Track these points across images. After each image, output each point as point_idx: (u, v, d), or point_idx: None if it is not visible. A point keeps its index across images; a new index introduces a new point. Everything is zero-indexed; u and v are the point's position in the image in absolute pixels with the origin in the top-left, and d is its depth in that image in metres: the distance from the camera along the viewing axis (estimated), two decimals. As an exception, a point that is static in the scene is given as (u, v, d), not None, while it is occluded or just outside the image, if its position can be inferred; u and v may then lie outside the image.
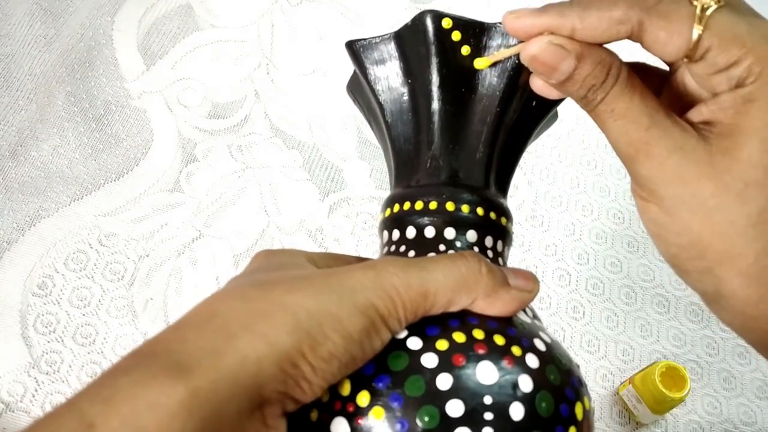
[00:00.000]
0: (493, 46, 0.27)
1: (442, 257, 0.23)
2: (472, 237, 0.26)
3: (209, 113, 0.60)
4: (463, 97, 0.27)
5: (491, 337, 0.22)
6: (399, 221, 0.26)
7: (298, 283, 0.20)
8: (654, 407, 0.50)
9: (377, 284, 0.21)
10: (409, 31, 0.27)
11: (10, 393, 0.46)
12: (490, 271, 0.23)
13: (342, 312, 0.20)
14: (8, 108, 0.56)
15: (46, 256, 0.50)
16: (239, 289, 0.21)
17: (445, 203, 0.26)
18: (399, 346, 0.21)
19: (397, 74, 0.28)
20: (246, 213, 0.56)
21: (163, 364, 0.18)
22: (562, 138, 0.67)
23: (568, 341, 0.56)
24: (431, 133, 0.27)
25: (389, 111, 0.28)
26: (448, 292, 0.22)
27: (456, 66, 0.27)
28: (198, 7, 0.65)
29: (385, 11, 0.71)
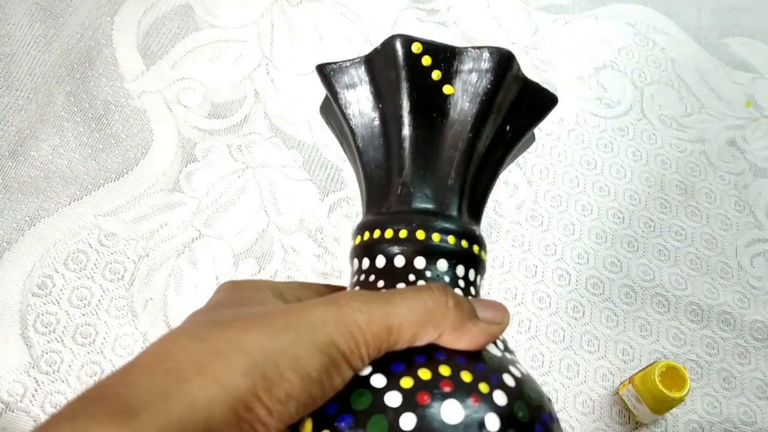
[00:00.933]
0: (464, 70, 0.26)
1: (408, 290, 0.22)
2: (443, 266, 0.25)
3: (209, 113, 0.60)
4: (434, 123, 0.26)
5: (458, 373, 0.21)
6: (369, 249, 0.26)
7: (256, 322, 0.20)
8: (654, 407, 0.50)
9: (339, 321, 0.20)
10: (379, 56, 0.27)
11: (10, 393, 0.46)
12: (457, 303, 0.22)
13: (300, 351, 0.19)
14: (8, 108, 0.56)
15: (45, 256, 0.50)
16: (195, 327, 0.20)
17: (415, 231, 0.25)
18: (362, 384, 0.21)
19: (367, 98, 0.27)
20: (246, 213, 0.56)
21: (110, 409, 0.17)
22: (562, 138, 0.67)
23: (568, 341, 0.56)
24: (402, 159, 0.26)
25: (360, 135, 0.28)
26: (413, 327, 0.21)
27: (427, 91, 0.26)
28: (198, 7, 0.65)
29: (384, 11, 0.71)
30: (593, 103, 0.70)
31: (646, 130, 0.70)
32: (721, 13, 0.83)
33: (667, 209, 0.65)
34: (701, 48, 0.78)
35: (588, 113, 0.69)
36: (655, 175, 0.67)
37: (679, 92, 0.74)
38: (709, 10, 0.82)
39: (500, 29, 0.73)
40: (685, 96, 0.74)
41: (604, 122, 0.69)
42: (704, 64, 0.77)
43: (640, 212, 0.64)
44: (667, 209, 0.65)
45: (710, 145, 0.71)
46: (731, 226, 0.66)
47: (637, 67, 0.74)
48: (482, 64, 0.26)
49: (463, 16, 0.73)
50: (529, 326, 0.56)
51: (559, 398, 0.54)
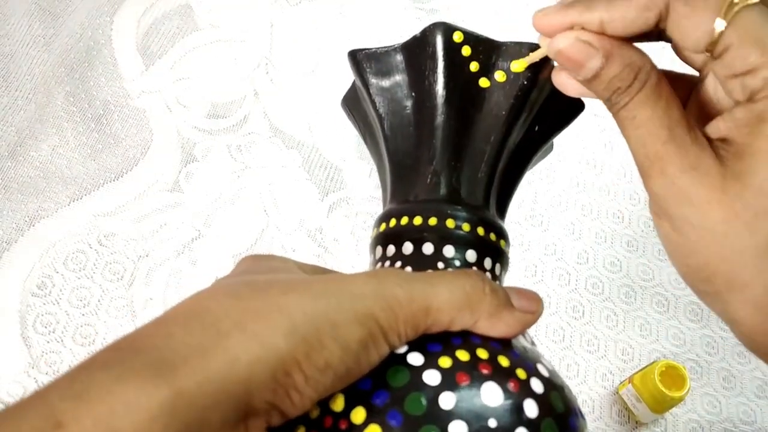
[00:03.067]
0: (502, 66, 0.26)
1: (446, 273, 0.22)
2: (472, 257, 0.25)
3: (208, 113, 0.60)
4: (468, 114, 0.26)
5: (495, 357, 0.21)
6: (395, 236, 0.25)
7: (295, 285, 0.19)
8: (653, 406, 0.50)
9: (379, 294, 0.19)
10: (417, 43, 0.27)
11: (10, 393, 0.46)
12: (494, 291, 0.21)
13: (340, 319, 0.18)
14: (7, 108, 0.56)
15: (45, 256, 0.50)
16: (230, 286, 0.19)
17: (445, 220, 0.25)
18: (399, 361, 0.20)
19: (400, 86, 0.27)
20: (245, 213, 0.56)
21: (146, 361, 0.16)
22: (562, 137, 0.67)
23: (568, 340, 0.56)
24: (433, 148, 0.26)
25: (389, 123, 0.27)
26: (451, 310, 0.20)
27: (463, 82, 0.26)
28: (197, 6, 0.65)
29: (384, 11, 0.71)
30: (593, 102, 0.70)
31: (645, 130, 0.70)
32: (721, 12, 0.83)
33: (666, 209, 0.65)
34: (701, 47, 0.78)
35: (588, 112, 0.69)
36: (655, 174, 0.67)
37: (678, 92, 0.74)
38: (708, 9, 0.82)
39: (500, 28, 0.73)
40: (684, 95, 0.74)
41: (604, 122, 0.69)
42: (704, 64, 0.77)
43: (639, 212, 0.64)
44: (666, 209, 0.65)
45: (710, 144, 0.71)
46: (731, 226, 0.66)
47: (637, 67, 0.74)
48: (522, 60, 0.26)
49: (463, 16, 0.73)
50: (528, 326, 0.56)
51: (559, 398, 0.54)
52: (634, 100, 0.22)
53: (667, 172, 0.21)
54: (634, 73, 0.21)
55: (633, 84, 0.21)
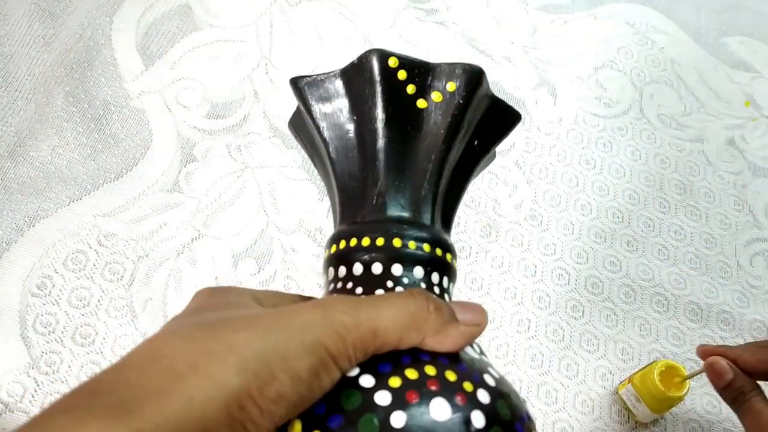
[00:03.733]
0: (437, 86, 0.27)
1: (391, 295, 0.22)
2: (419, 273, 0.26)
3: (208, 113, 0.60)
4: (408, 135, 0.27)
5: (443, 373, 0.22)
6: (345, 258, 0.26)
7: (246, 322, 0.20)
8: (653, 406, 0.50)
9: (326, 322, 0.20)
10: (355, 70, 0.28)
11: (10, 393, 0.46)
12: (438, 308, 0.22)
13: (290, 351, 0.19)
14: (7, 108, 0.56)
15: (45, 256, 0.50)
16: (184, 329, 0.20)
17: (392, 239, 0.26)
18: (351, 384, 0.21)
19: (342, 111, 0.28)
20: (245, 213, 0.56)
21: (105, 404, 0.17)
22: (561, 137, 0.67)
23: (568, 340, 0.56)
24: (377, 170, 0.27)
25: (334, 147, 0.28)
26: (398, 331, 0.21)
27: (402, 104, 0.27)
28: (197, 7, 0.65)
29: (383, 11, 0.71)
30: (592, 102, 0.70)
31: (645, 130, 0.70)
32: (720, 12, 0.83)
33: (666, 209, 0.65)
34: (700, 47, 0.78)
35: (587, 113, 0.69)
36: (655, 174, 0.67)
37: (678, 92, 0.74)
38: (708, 9, 0.83)
39: (499, 29, 0.73)
40: (684, 95, 0.74)
41: (603, 122, 0.69)
42: (703, 64, 0.77)
43: (639, 212, 0.64)
44: (666, 209, 0.65)
45: (709, 144, 0.71)
46: (730, 226, 0.66)
47: (636, 67, 0.74)
48: (455, 80, 0.27)
49: (463, 16, 0.73)
50: (528, 326, 0.56)
51: (559, 398, 0.54)
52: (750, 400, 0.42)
53: None
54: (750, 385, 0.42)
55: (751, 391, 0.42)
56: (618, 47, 0.76)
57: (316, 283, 0.54)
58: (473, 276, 0.57)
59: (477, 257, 0.58)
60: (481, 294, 0.56)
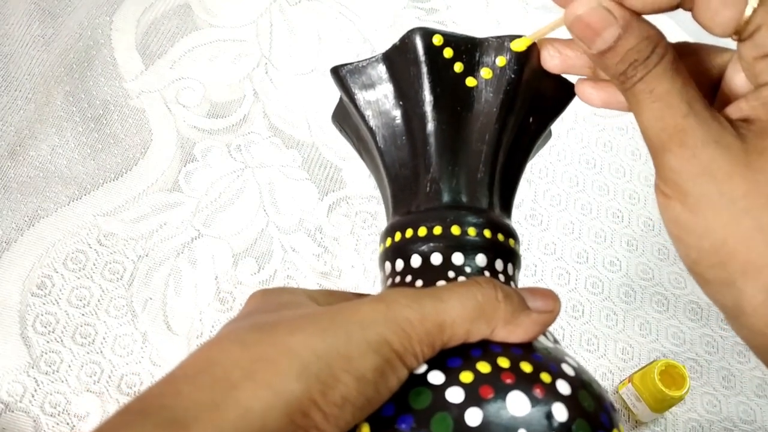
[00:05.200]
0: (487, 62, 0.26)
1: (456, 285, 0.21)
2: (482, 261, 0.24)
3: (208, 113, 0.60)
4: (459, 116, 0.26)
5: (518, 364, 0.20)
6: (402, 250, 0.25)
7: (302, 323, 0.19)
8: (653, 406, 0.50)
9: (389, 318, 0.19)
10: (398, 52, 0.26)
11: (10, 393, 0.46)
12: (507, 296, 0.21)
13: (352, 351, 0.18)
14: (7, 108, 0.56)
15: (45, 256, 0.50)
16: (236, 333, 0.19)
17: (449, 227, 0.24)
18: (420, 382, 0.20)
19: (387, 97, 0.27)
20: (245, 212, 0.56)
21: (157, 422, 0.16)
22: (561, 137, 0.67)
23: (568, 340, 0.56)
24: (428, 156, 0.26)
25: (381, 136, 0.27)
26: (466, 323, 0.20)
27: (450, 84, 0.26)
28: (196, 6, 0.65)
29: (383, 10, 0.71)
30: (592, 102, 0.70)
31: (645, 129, 0.70)
32: (720, 11, 0.83)
33: (666, 208, 0.65)
34: (700, 47, 0.78)
35: (587, 112, 0.69)
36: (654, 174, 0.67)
37: (678, 91, 0.74)
38: (708, 8, 0.82)
39: (499, 28, 0.73)
40: (684, 95, 0.74)
41: (604, 121, 0.69)
42: (703, 63, 0.77)
43: (639, 211, 0.64)
44: (666, 208, 0.65)
45: (709, 143, 0.71)
46: (730, 225, 0.66)
47: (636, 66, 0.74)
48: (504, 54, 0.26)
49: (462, 15, 0.73)
50: (528, 325, 0.56)
51: (559, 397, 0.54)
52: (651, 73, 0.21)
53: (687, 144, 0.20)
54: (652, 46, 0.21)
55: (650, 57, 0.21)
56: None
57: (316, 282, 0.54)
58: (473, 275, 0.57)
59: (477, 257, 0.58)
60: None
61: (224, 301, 0.52)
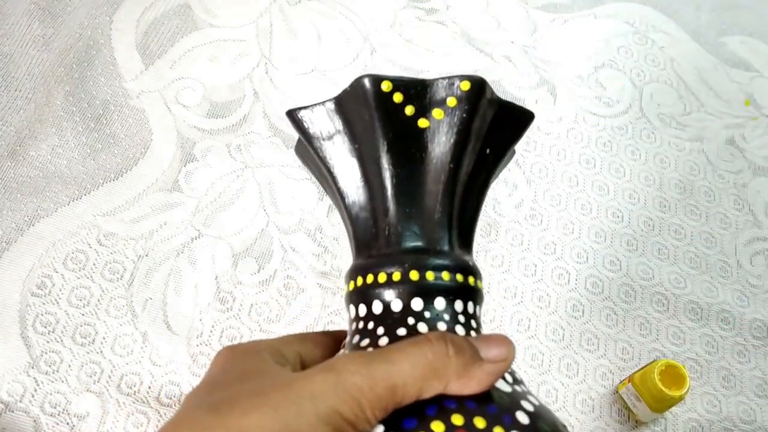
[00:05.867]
0: (438, 103, 0.26)
1: (407, 344, 0.21)
2: (441, 305, 0.24)
3: (208, 112, 0.60)
4: (414, 158, 0.26)
5: (471, 420, 0.20)
6: (364, 295, 0.25)
7: (255, 402, 0.19)
8: (653, 406, 0.50)
9: (339, 388, 0.19)
10: (349, 97, 0.26)
11: (10, 393, 0.46)
12: (458, 350, 0.21)
13: (303, 426, 0.19)
14: (7, 108, 0.56)
15: (45, 256, 0.50)
16: (195, 415, 0.20)
17: (408, 272, 0.24)
18: None
19: (343, 140, 0.27)
20: (245, 212, 0.56)
21: None
22: (561, 137, 0.67)
23: (568, 340, 0.56)
24: (386, 199, 0.26)
25: (340, 178, 0.27)
26: (417, 382, 0.20)
27: (402, 127, 0.26)
28: (196, 6, 0.65)
29: (383, 10, 0.71)
30: (592, 102, 0.70)
31: (645, 129, 0.70)
32: (720, 11, 0.83)
33: (666, 208, 0.65)
34: (700, 47, 0.78)
35: (587, 112, 0.69)
36: (654, 173, 0.67)
37: (678, 91, 0.74)
38: (707, 8, 0.83)
39: (499, 28, 0.73)
40: (684, 95, 0.74)
41: (603, 121, 0.69)
42: (703, 63, 0.77)
43: (639, 211, 0.64)
44: (666, 208, 0.65)
45: (709, 143, 0.71)
46: (730, 225, 0.66)
47: (636, 66, 0.74)
48: (454, 94, 0.26)
49: (462, 15, 0.73)
50: (528, 325, 0.56)
51: (559, 397, 0.54)
52: None
53: None
54: None
55: None
56: (618, 46, 0.75)
57: (316, 282, 0.54)
58: (473, 275, 0.57)
59: (477, 257, 0.58)
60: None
61: (224, 301, 0.52)
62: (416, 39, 0.70)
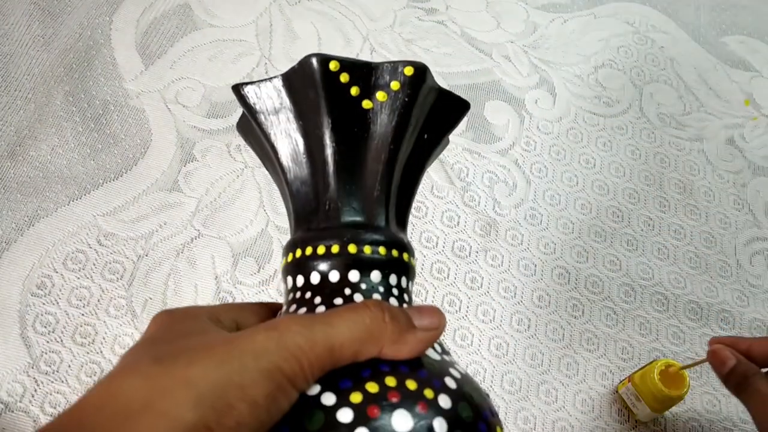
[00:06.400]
0: (382, 86, 0.27)
1: (345, 309, 0.23)
2: (377, 277, 0.26)
3: (208, 112, 0.60)
4: (356, 138, 0.27)
5: (403, 382, 0.22)
6: (302, 267, 0.26)
7: (199, 354, 0.20)
8: (653, 405, 0.50)
9: (281, 346, 0.20)
10: (297, 75, 0.27)
11: (10, 393, 0.46)
12: (393, 317, 0.23)
13: (245, 379, 0.19)
14: (7, 108, 0.56)
15: (45, 256, 0.50)
16: (138, 364, 0.20)
17: (347, 246, 0.26)
18: (314, 404, 0.21)
19: (288, 117, 0.28)
20: (245, 212, 0.56)
21: None
22: (561, 136, 0.67)
23: (567, 339, 0.56)
24: (327, 176, 0.27)
25: (283, 154, 0.28)
26: (354, 345, 0.21)
27: (347, 107, 0.27)
28: (196, 6, 0.65)
29: (383, 10, 0.71)
30: (592, 101, 0.70)
31: (644, 129, 0.70)
32: (720, 11, 0.83)
33: (666, 208, 0.65)
34: (700, 46, 0.78)
35: (587, 112, 0.69)
36: (654, 173, 0.67)
37: (677, 91, 0.74)
38: (707, 8, 0.83)
39: (499, 28, 0.73)
40: (683, 94, 0.74)
41: (603, 121, 0.69)
42: (703, 63, 0.77)
43: (639, 211, 0.64)
44: (666, 208, 0.65)
45: (709, 143, 0.71)
46: (730, 225, 0.66)
47: (636, 66, 0.74)
48: (398, 78, 0.27)
49: (462, 15, 0.73)
50: (528, 325, 0.56)
51: (559, 397, 0.54)
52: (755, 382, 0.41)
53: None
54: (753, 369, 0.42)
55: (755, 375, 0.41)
56: (618, 46, 0.75)
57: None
58: (473, 275, 0.57)
59: (476, 256, 0.58)
60: (480, 293, 0.56)
61: (224, 301, 0.52)
62: (416, 39, 0.70)
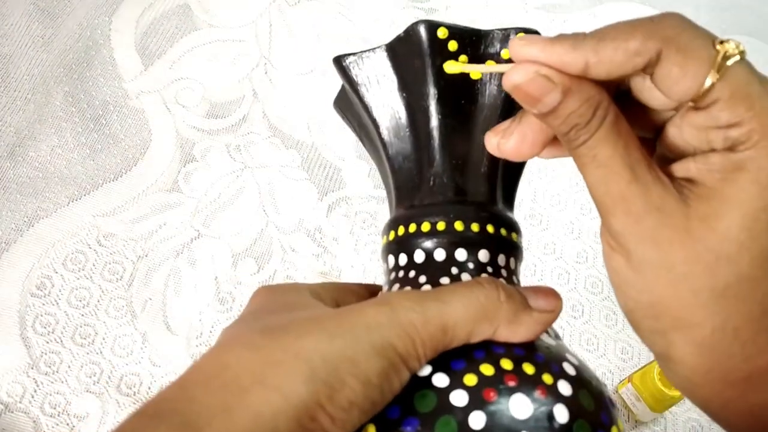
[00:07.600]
0: (491, 55, 0.26)
1: (459, 286, 0.21)
2: (485, 257, 0.24)
3: (207, 113, 0.60)
4: (463, 110, 0.26)
5: (520, 366, 0.20)
6: (405, 245, 0.25)
7: (310, 327, 0.19)
8: (653, 405, 0.50)
9: (393, 321, 0.19)
10: (402, 43, 0.26)
11: (9, 393, 0.46)
12: (509, 296, 0.21)
13: (359, 355, 0.18)
14: (6, 108, 0.56)
15: (44, 256, 0.50)
16: (246, 336, 0.19)
17: (453, 223, 0.24)
18: (425, 385, 0.20)
19: (390, 89, 0.26)
20: (244, 213, 0.56)
21: (170, 426, 0.16)
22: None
23: (567, 339, 0.56)
24: (432, 150, 0.25)
25: (384, 128, 0.27)
26: (468, 324, 0.20)
27: (454, 77, 0.25)
28: (196, 6, 0.65)
29: (382, 10, 0.71)
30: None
31: (644, 129, 0.70)
32: (720, 11, 0.83)
33: (665, 208, 0.65)
34: (700, 46, 0.78)
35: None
36: (654, 173, 0.67)
37: (677, 91, 0.74)
38: (707, 8, 0.82)
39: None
40: (683, 94, 0.74)
41: (603, 121, 0.69)
42: (703, 63, 0.77)
43: (639, 211, 0.64)
44: (665, 208, 0.65)
45: (709, 143, 0.71)
46: (730, 225, 0.66)
47: (636, 66, 0.74)
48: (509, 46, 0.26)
49: (462, 15, 0.73)
50: (528, 325, 0.56)
51: (559, 397, 0.54)
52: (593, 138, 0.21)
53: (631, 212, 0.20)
54: (593, 108, 0.20)
55: (592, 121, 0.20)
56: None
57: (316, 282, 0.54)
58: (473, 275, 0.57)
59: (476, 257, 0.58)
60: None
61: (224, 302, 0.52)
62: (416, 39, 0.70)
